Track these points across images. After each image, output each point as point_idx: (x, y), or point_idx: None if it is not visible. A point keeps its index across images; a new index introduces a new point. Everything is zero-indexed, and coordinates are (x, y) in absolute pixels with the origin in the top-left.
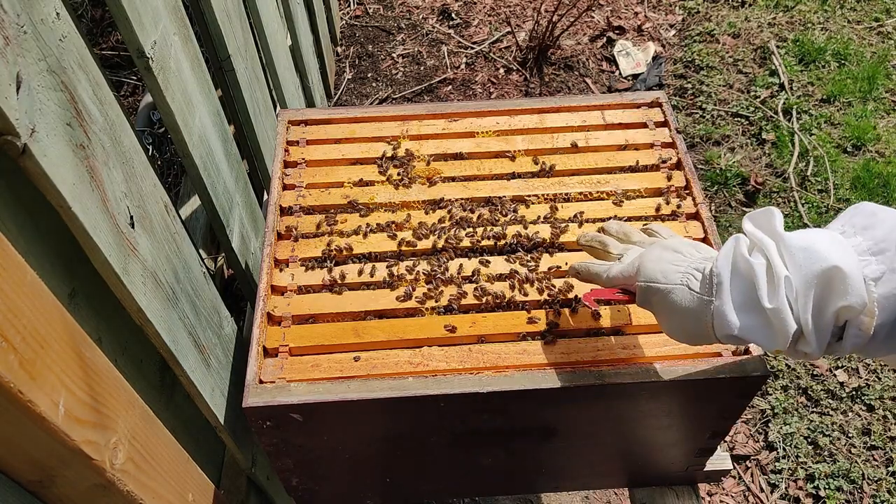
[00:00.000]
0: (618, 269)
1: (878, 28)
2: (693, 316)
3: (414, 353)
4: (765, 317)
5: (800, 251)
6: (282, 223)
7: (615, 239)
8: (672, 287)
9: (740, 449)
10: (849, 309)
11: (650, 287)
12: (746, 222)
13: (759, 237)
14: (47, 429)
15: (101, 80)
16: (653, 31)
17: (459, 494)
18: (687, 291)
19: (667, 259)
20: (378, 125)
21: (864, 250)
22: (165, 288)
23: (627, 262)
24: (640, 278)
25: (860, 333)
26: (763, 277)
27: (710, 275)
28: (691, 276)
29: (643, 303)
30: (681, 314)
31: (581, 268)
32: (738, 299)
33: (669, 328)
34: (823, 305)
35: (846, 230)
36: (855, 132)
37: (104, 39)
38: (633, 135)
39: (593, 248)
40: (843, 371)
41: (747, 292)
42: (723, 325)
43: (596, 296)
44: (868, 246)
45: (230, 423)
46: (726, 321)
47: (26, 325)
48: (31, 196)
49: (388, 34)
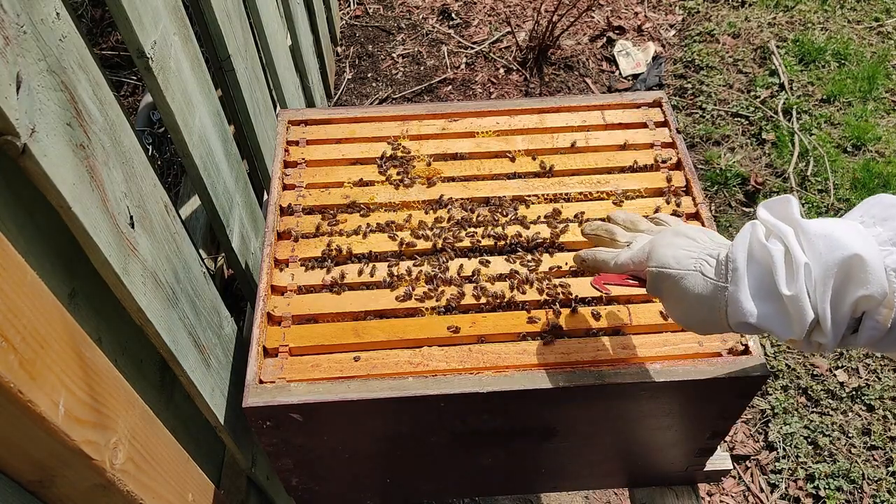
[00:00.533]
0: (627, 255)
1: (878, 28)
2: (706, 303)
3: (414, 353)
4: (781, 304)
5: (820, 238)
6: (282, 223)
7: (622, 228)
8: (685, 273)
9: (740, 449)
10: (868, 299)
11: (661, 273)
12: (762, 210)
13: (775, 224)
14: (47, 429)
15: (101, 80)
16: (653, 31)
17: (459, 494)
18: (700, 277)
19: (679, 245)
20: (378, 125)
21: (884, 240)
22: (165, 288)
23: (637, 249)
24: (651, 263)
25: (877, 326)
26: (781, 264)
27: (725, 261)
28: (705, 262)
29: (653, 290)
30: (693, 301)
31: (587, 255)
32: (753, 286)
33: (680, 316)
34: (842, 295)
35: (865, 220)
36: (855, 132)
37: (104, 39)
38: (633, 135)
39: (599, 238)
40: (843, 371)
41: (764, 279)
42: (737, 313)
43: (605, 280)
44: (889, 236)
45: (230, 423)
46: (741, 308)
47: (26, 325)
48: (31, 196)
49: (388, 34)
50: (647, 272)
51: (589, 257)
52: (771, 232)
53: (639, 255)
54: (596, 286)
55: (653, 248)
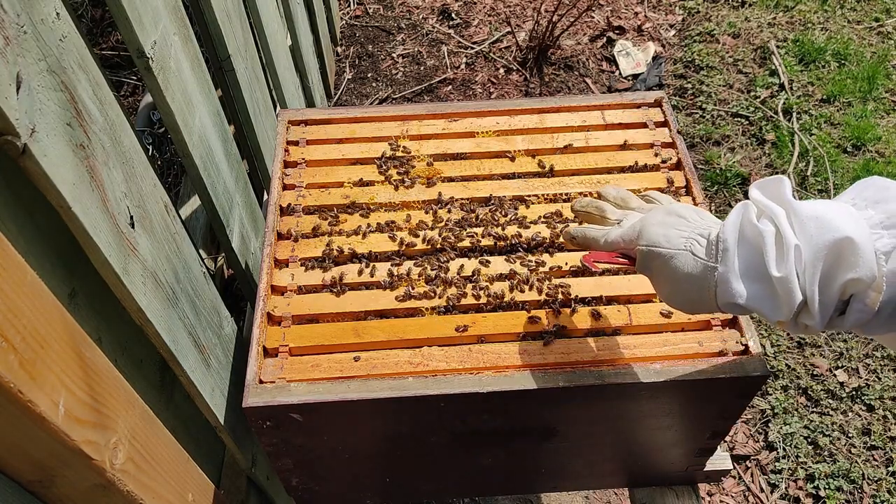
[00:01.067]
0: (617, 233)
1: (878, 28)
2: (695, 282)
3: (414, 353)
4: (770, 286)
5: (811, 220)
6: (282, 223)
7: (612, 205)
8: (675, 252)
9: (740, 449)
10: (857, 282)
11: (652, 251)
12: (754, 190)
13: (767, 205)
14: (47, 429)
15: (101, 80)
16: (653, 31)
17: (459, 494)
18: (690, 257)
19: (670, 223)
20: (378, 125)
21: (875, 223)
22: (165, 288)
23: (628, 227)
24: (642, 242)
25: (865, 309)
26: (772, 245)
27: (716, 240)
28: (695, 242)
29: (643, 268)
30: (682, 280)
31: (577, 232)
32: (743, 266)
33: (668, 295)
34: (831, 277)
35: (857, 203)
36: (855, 132)
37: (104, 39)
38: (633, 135)
39: (589, 215)
40: (843, 371)
41: (754, 259)
42: (726, 293)
43: (595, 258)
44: (881, 219)
45: (230, 423)
46: (730, 288)
47: (26, 325)
48: (31, 196)
49: (388, 34)
50: (636, 251)
51: (578, 234)
52: (762, 212)
53: (629, 234)
54: (585, 263)
55: (643, 227)
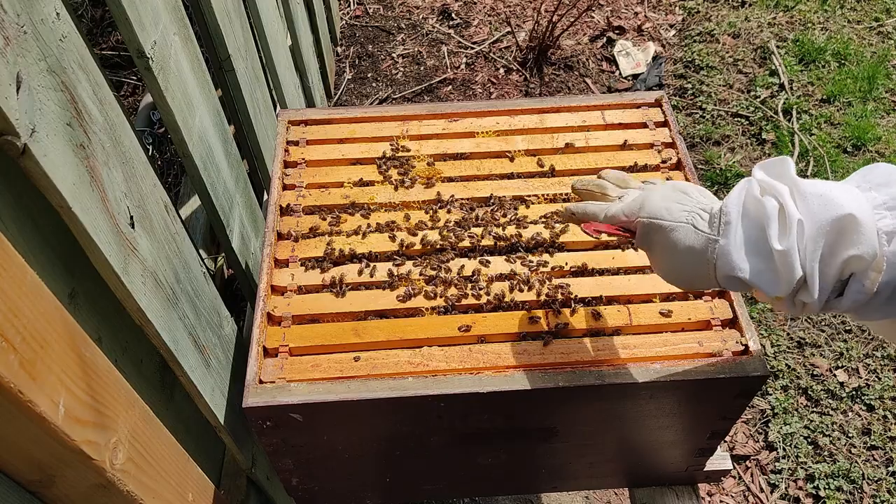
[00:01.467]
0: (618, 206)
1: (878, 28)
2: (695, 256)
3: (414, 353)
4: (771, 260)
5: (815, 197)
6: (282, 223)
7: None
8: (676, 225)
9: (740, 449)
10: (858, 259)
11: (653, 223)
12: (757, 170)
13: (771, 182)
14: (47, 429)
15: (101, 80)
16: (653, 31)
17: (459, 494)
18: (692, 230)
19: (672, 198)
20: (378, 125)
21: (879, 204)
22: (165, 288)
23: (629, 200)
24: (643, 214)
25: (863, 289)
26: (775, 218)
27: (718, 213)
28: (697, 216)
29: (643, 241)
30: (683, 253)
31: (577, 209)
32: (745, 240)
33: (667, 269)
34: (833, 253)
35: (861, 185)
36: (855, 132)
37: (104, 39)
38: (633, 135)
39: (590, 192)
40: (843, 371)
41: (756, 234)
42: (726, 266)
43: (596, 227)
44: (884, 200)
45: (230, 423)
46: (731, 261)
47: (26, 325)
48: (31, 196)
49: (388, 34)
50: (637, 223)
51: (578, 210)
52: (766, 189)
53: (631, 207)
54: (586, 230)
55: (645, 200)
